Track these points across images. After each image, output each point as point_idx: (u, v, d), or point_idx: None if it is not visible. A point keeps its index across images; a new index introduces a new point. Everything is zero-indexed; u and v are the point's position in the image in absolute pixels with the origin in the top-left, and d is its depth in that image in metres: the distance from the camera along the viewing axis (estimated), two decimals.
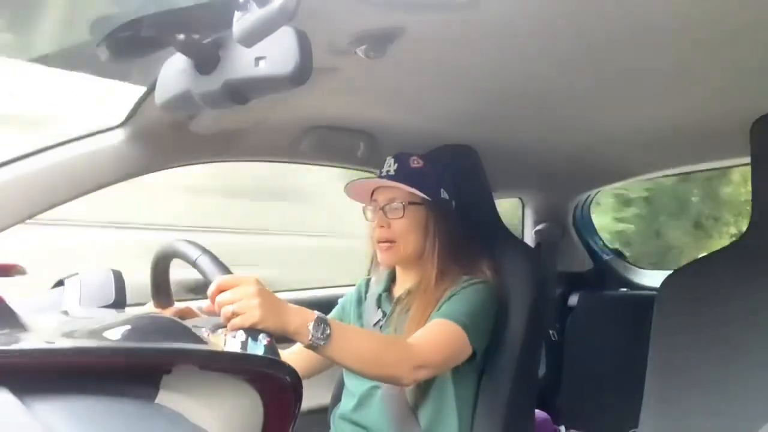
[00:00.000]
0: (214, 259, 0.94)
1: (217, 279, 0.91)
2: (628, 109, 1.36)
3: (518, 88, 1.23)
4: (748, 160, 1.13)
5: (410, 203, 1.32)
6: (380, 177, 1.35)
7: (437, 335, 1.19)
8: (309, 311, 0.99)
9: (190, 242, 0.98)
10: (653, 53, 1.01)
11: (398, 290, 1.41)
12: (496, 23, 0.90)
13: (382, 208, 1.33)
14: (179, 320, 0.89)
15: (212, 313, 0.92)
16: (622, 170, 2.06)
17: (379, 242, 1.33)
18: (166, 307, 1.17)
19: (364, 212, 1.40)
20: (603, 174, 2.13)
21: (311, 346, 0.98)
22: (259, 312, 0.88)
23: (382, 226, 1.32)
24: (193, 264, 0.95)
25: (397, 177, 1.32)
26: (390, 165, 1.35)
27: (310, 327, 0.97)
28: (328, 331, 0.98)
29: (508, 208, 2.36)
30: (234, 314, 0.88)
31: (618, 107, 1.35)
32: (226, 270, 0.93)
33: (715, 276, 1.11)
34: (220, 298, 0.90)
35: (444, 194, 1.36)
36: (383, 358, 1.09)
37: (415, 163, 1.35)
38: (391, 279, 1.45)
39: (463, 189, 1.45)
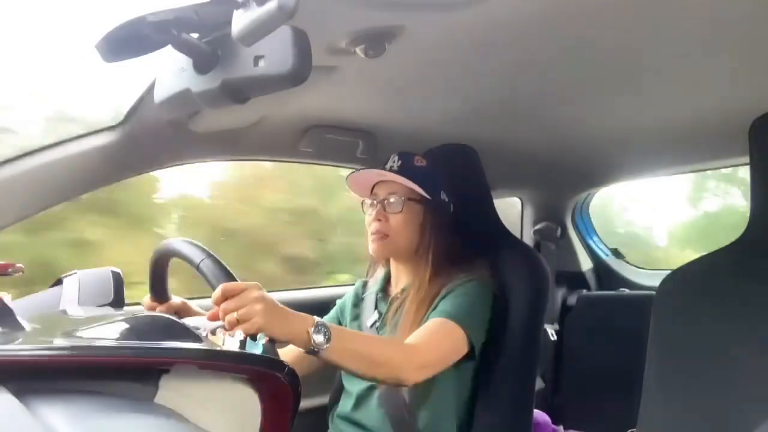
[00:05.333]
0: (218, 263, 0.95)
1: (222, 286, 0.91)
2: (627, 110, 1.36)
3: (517, 88, 1.23)
4: (747, 160, 1.13)
5: (409, 199, 1.32)
6: (383, 171, 1.35)
7: (435, 334, 1.19)
8: (308, 316, 1.00)
9: (194, 244, 0.98)
10: (652, 54, 1.01)
11: (394, 290, 1.42)
12: (495, 23, 0.90)
13: (381, 202, 1.34)
14: (178, 319, 0.89)
15: (216, 319, 0.93)
16: (621, 171, 2.07)
17: (374, 234, 1.33)
18: (162, 302, 1.18)
19: (363, 205, 1.40)
20: (602, 174, 2.13)
21: (312, 352, 0.98)
22: (262, 319, 0.90)
23: (379, 219, 1.33)
24: (197, 267, 0.95)
25: (400, 173, 1.32)
26: (394, 161, 1.35)
27: (311, 332, 0.97)
28: (328, 336, 0.99)
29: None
30: (238, 321, 0.89)
31: (617, 108, 1.35)
32: (229, 275, 0.94)
33: (714, 275, 1.11)
34: (225, 305, 0.91)
35: (443, 196, 1.37)
36: (383, 361, 1.09)
37: (419, 161, 1.36)
38: (387, 279, 1.46)
39: (463, 188, 1.45)
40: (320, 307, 1.54)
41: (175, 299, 1.21)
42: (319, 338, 0.98)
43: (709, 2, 0.83)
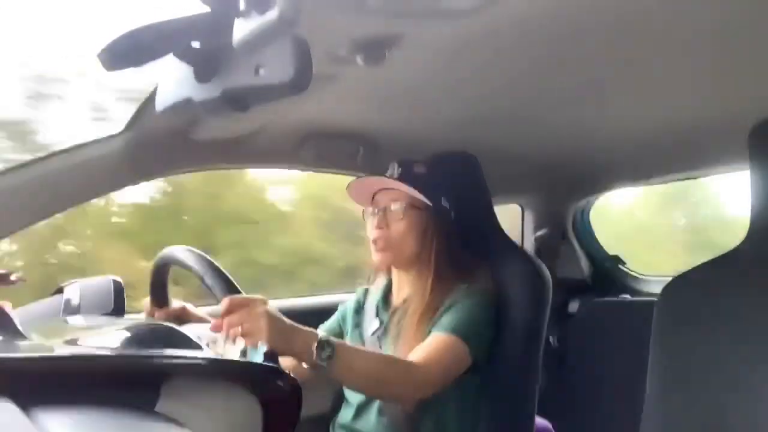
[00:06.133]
0: (222, 275, 0.95)
1: (227, 299, 0.92)
2: (628, 116, 1.36)
3: (517, 95, 1.23)
4: (748, 165, 1.13)
5: (411, 206, 1.32)
6: (383, 179, 1.35)
7: (438, 351, 1.18)
8: (312, 332, 1.00)
9: (198, 254, 0.99)
10: (652, 60, 1.02)
11: (396, 299, 1.41)
12: (495, 31, 0.91)
13: (383, 210, 1.34)
14: (179, 328, 0.89)
15: (219, 331, 0.93)
16: (622, 177, 2.07)
17: (375, 243, 1.33)
18: (162, 307, 1.18)
19: (364, 215, 1.40)
20: (602, 180, 2.13)
21: (315, 367, 0.98)
22: (266, 335, 0.91)
23: (380, 228, 1.33)
24: (201, 278, 0.95)
25: (400, 180, 1.32)
26: (394, 169, 1.35)
27: (314, 348, 0.98)
28: (331, 352, 0.99)
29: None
30: (242, 335, 0.89)
31: (617, 114, 1.35)
32: (233, 287, 0.94)
33: (715, 282, 1.11)
34: (229, 319, 0.91)
35: (444, 202, 1.37)
36: (386, 379, 1.09)
37: (419, 168, 1.35)
38: (389, 288, 1.45)
39: (463, 195, 1.45)
40: (323, 315, 1.54)
41: (176, 304, 1.21)
42: (322, 355, 0.98)
43: (710, 7, 0.84)
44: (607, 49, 0.98)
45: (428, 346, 1.19)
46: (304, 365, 0.99)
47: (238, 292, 0.95)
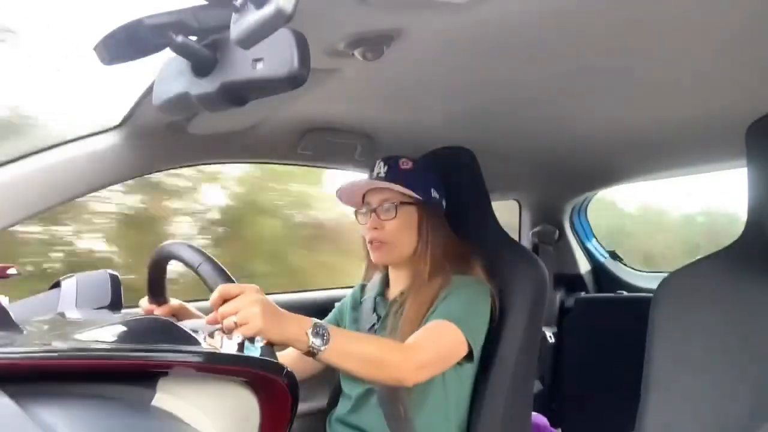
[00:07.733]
0: (216, 266, 0.95)
1: (219, 288, 0.91)
2: (625, 113, 1.36)
3: (515, 91, 1.23)
4: (744, 162, 1.13)
5: (402, 204, 1.33)
6: (371, 179, 1.36)
7: (434, 335, 1.19)
8: (306, 318, 1.00)
9: (192, 247, 0.99)
10: (649, 57, 1.02)
11: (392, 293, 1.42)
12: (493, 26, 0.90)
13: (375, 210, 1.34)
14: (176, 322, 0.89)
15: (214, 323, 0.93)
16: (619, 173, 2.07)
17: (372, 243, 1.34)
18: (161, 304, 1.18)
19: (356, 216, 1.40)
20: (600, 176, 2.14)
21: (310, 353, 0.99)
22: (260, 322, 0.90)
23: (375, 228, 1.33)
24: (195, 270, 0.95)
25: (388, 179, 1.33)
26: (380, 167, 1.35)
27: (309, 334, 0.98)
28: (327, 337, 0.99)
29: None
30: (236, 324, 0.89)
31: (614, 110, 1.35)
32: (228, 278, 0.94)
33: (712, 278, 1.11)
34: (222, 309, 0.91)
35: (434, 194, 1.37)
36: (381, 361, 1.09)
37: (405, 164, 1.36)
38: (385, 282, 1.45)
39: (460, 191, 1.45)
40: (319, 310, 1.54)
41: (174, 301, 1.21)
42: (317, 340, 0.98)
43: (708, 5, 0.84)
44: (605, 46, 0.98)
45: (424, 331, 1.20)
46: (300, 352, 0.99)
47: (233, 283, 0.95)
